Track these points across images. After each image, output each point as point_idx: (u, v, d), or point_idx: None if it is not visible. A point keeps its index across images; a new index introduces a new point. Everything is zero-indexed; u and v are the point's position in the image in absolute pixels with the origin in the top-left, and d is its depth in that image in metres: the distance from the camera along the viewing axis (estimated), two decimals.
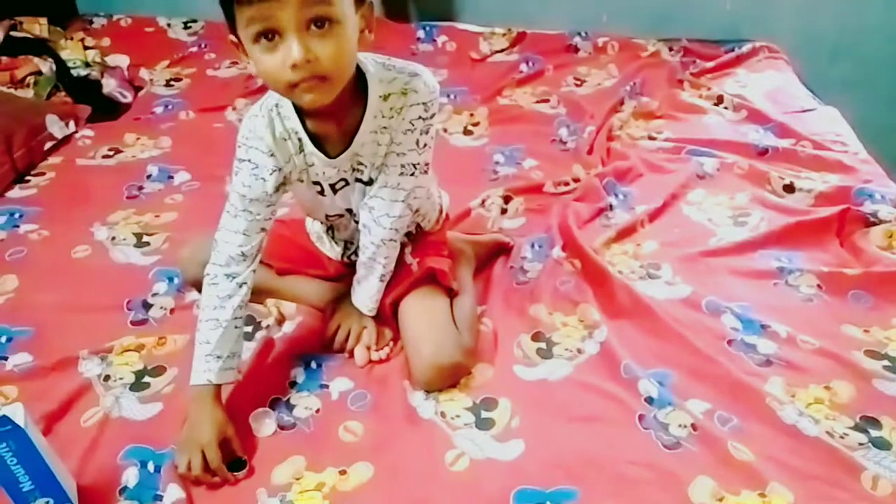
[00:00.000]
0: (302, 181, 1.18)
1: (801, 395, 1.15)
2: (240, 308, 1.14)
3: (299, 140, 1.12)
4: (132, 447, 1.10)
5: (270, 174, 1.11)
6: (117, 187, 1.76)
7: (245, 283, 1.15)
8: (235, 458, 1.07)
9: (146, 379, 1.22)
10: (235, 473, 1.05)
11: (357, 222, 1.26)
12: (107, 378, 1.22)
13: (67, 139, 1.96)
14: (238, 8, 0.93)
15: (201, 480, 1.04)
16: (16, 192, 1.75)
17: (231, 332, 1.12)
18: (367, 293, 1.25)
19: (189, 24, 2.61)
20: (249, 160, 1.11)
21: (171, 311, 1.37)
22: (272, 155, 1.11)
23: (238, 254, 1.13)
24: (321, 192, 1.20)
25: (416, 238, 1.34)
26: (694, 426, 1.09)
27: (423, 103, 1.11)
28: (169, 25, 2.61)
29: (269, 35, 0.94)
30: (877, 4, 2.28)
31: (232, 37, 1.02)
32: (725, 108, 2.02)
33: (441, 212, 1.38)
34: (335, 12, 0.94)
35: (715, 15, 2.38)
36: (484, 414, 1.13)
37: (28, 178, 1.81)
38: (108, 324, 1.33)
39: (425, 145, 1.15)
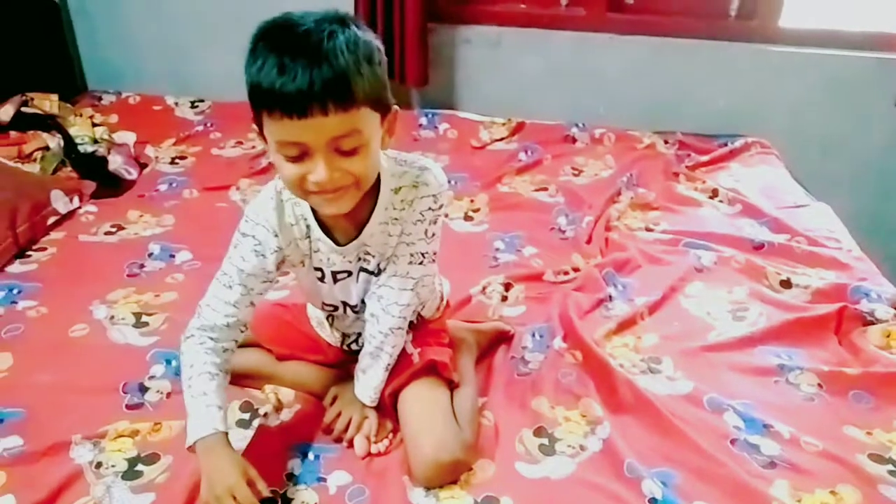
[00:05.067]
0: (303, 265, 1.19)
1: (808, 499, 1.13)
2: (226, 372, 1.14)
3: (307, 226, 1.15)
4: None
5: (272, 253, 1.13)
6: (118, 265, 1.75)
7: (229, 349, 1.15)
8: (263, 499, 1.05)
9: (139, 467, 1.19)
10: None
11: (355, 313, 1.27)
12: (99, 465, 1.19)
13: (70, 214, 1.98)
14: (267, 118, 0.96)
15: None
16: (16, 267, 1.74)
17: (223, 386, 1.12)
18: (370, 383, 1.24)
19: (196, 104, 2.67)
20: (253, 236, 1.13)
21: (168, 395, 1.34)
22: (276, 235, 1.13)
23: (224, 324, 1.13)
24: (321, 279, 1.21)
25: (416, 326, 1.34)
26: None
27: (433, 195, 1.15)
28: (176, 104, 2.67)
29: (296, 149, 0.97)
30: (864, 102, 2.37)
31: (255, 126, 1.03)
32: (720, 201, 2.07)
33: (441, 299, 1.39)
34: (362, 137, 0.98)
35: (708, 109, 2.47)
36: None
37: (29, 252, 1.80)
38: (102, 407, 1.31)
39: (433, 235, 1.19)
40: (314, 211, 1.13)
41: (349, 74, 0.93)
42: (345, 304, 1.26)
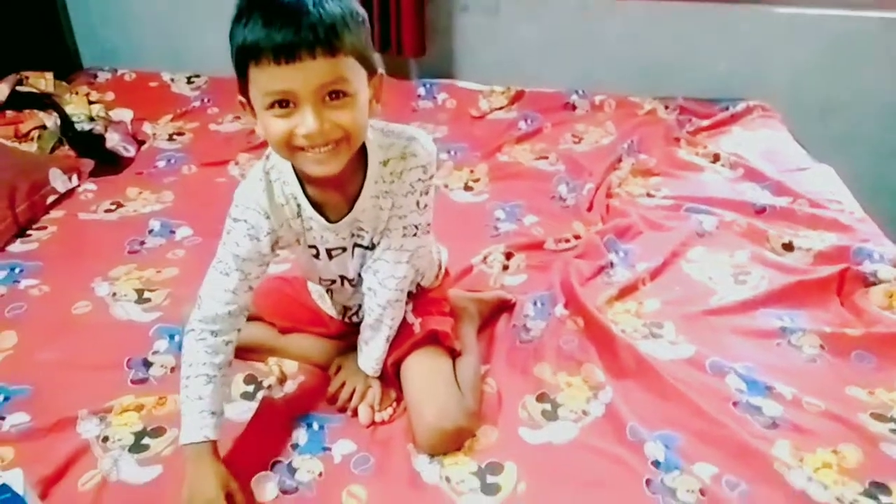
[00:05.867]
0: (298, 243, 1.19)
1: (809, 459, 1.14)
2: (227, 365, 1.14)
3: (298, 205, 1.13)
4: None
5: (266, 235, 1.12)
6: (119, 242, 1.75)
7: (231, 341, 1.14)
8: None
9: (145, 440, 1.20)
10: None
11: (353, 286, 1.27)
12: (105, 439, 1.20)
13: (70, 193, 1.97)
14: (255, 71, 0.95)
15: None
16: (17, 247, 1.74)
17: (220, 388, 1.12)
18: (372, 354, 1.25)
19: (192, 79, 2.65)
20: (245, 220, 1.11)
21: (172, 369, 1.35)
22: (268, 217, 1.11)
23: (225, 312, 1.12)
24: (316, 256, 1.21)
25: (416, 296, 1.34)
26: (702, 491, 1.08)
27: (423, 166, 1.13)
28: (172, 80, 2.65)
29: (284, 102, 0.96)
30: (866, 64, 2.34)
31: (241, 97, 1.03)
32: (722, 165, 2.06)
33: (440, 268, 1.39)
34: (350, 87, 0.97)
35: (709, 73, 2.44)
36: (490, 479, 1.12)
37: (29, 232, 1.80)
38: (107, 382, 1.31)
39: (425, 206, 1.17)
40: (304, 189, 1.12)
41: (336, 22, 0.93)
42: (343, 277, 1.26)
